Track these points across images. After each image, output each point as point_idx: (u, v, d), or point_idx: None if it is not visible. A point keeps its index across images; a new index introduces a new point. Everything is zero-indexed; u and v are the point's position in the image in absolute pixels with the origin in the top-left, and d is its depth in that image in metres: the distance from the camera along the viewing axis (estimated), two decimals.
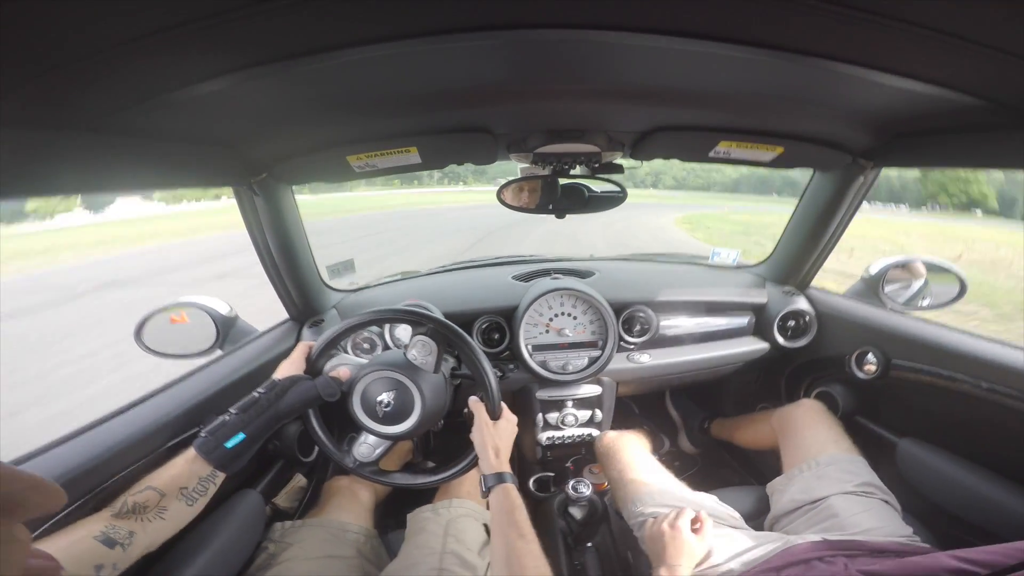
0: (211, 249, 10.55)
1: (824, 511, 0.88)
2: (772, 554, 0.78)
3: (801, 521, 0.90)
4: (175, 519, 0.62)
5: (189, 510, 0.64)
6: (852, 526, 0.82)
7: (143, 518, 0.59)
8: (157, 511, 0.60)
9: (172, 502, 0.62)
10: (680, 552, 0.80)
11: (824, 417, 1.11)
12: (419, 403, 0.82)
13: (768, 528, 0.96)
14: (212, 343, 1.20)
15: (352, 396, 0.84)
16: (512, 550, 0.66)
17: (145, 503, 0.60)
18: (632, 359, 1.33)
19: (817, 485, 0.92)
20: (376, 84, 0.66)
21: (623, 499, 1.04)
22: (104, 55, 0.45)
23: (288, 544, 0.86)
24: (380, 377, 0.83)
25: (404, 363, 0.84)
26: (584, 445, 1.41)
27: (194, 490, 0.64)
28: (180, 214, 26.08)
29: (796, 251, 1.35)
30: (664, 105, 0.81)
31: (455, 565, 0.82)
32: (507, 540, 0.68)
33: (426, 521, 0.94)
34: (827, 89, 0.69)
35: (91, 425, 0.74)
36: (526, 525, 0.70)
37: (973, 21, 0.45)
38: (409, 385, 0.82)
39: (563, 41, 0.54)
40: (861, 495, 0.88)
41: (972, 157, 0.81)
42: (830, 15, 0.45)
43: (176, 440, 0.80)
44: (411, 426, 0.83)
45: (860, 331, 1.20)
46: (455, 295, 1.38)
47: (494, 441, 0.82)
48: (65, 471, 0.63)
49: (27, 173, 0.53)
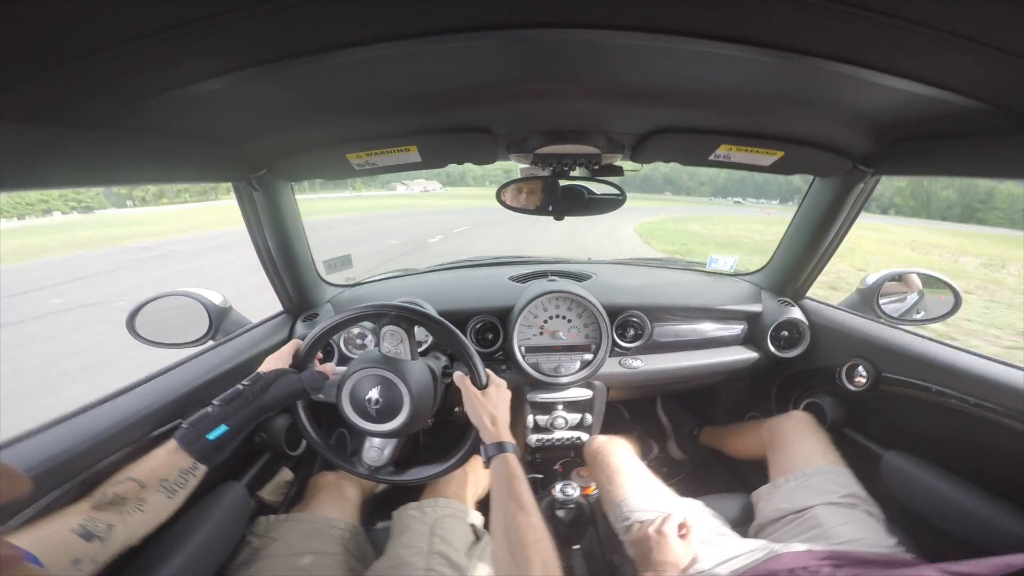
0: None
1: (809, 521, 0.88)
2: (757, 563, 0.78)
3: (786, 530, 0.90)
4: (155, 512, 0.61)
5: (169, 503, 0.63)
6: (836, 536, 0.82)
7: (122, 510, 0.58)
8: (136, 503, 0.59)
9: (152, 494, 0.61)
10: (664, 556, 0.81)
11: (813, 429, 1.11)
12: (406, 393, 0.82)
13: (753, 536, 0.96)
14: (204, 333, 1.19)
15: (342, 403, 0.84)
16: (511, 522, 0.65)
17: (124, 494, 0.59)
18: (624, 364, 1.33)
19: (802, 495, 0.93)
20: (377, 83, 0.66)
21: (610, 503, 1.04)
22: (107, 53, 0.45)
23: (272, 539, 0.86)
24: (363, 377, 0.83)
25: (379, 357, 0.84)
26: (573, 448, 1.40)
27: (175, 482, 0.63)
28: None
29: (793, 259, 1.35)
30: (664, 106, 0.81)
31: (442, 566, 0.82)
32: (506, 512, 0.67)
33: (411, 520, 0.93)
34: (827, 90, 0.69)
35: (75, 412, 0.73)
36: (526, 496, 0.69)
37: (976, 20, 0.45)
38: (391, 377, 0.82)
39: (563, 41, 0.54)
40: (846, 506, 0.88)
41: (974, 165, 0.80)
42: (832, 14, 0.44)
43: (161, 430, 0.80)
44: (405, 418, 0.82)
45: (852, 343, 1.20)
46: (451, 293, 1.38)
47: (487, 410, 0.81)
48: (47, 458, 0.62)
49: (30, 166, 0.53)
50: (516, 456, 0.76)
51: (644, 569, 0.82)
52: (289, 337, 1.24)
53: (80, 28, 0.41)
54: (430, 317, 0.85)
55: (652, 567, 0.81)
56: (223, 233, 13.59)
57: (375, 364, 0.82)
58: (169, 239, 13.41)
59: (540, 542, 0.62)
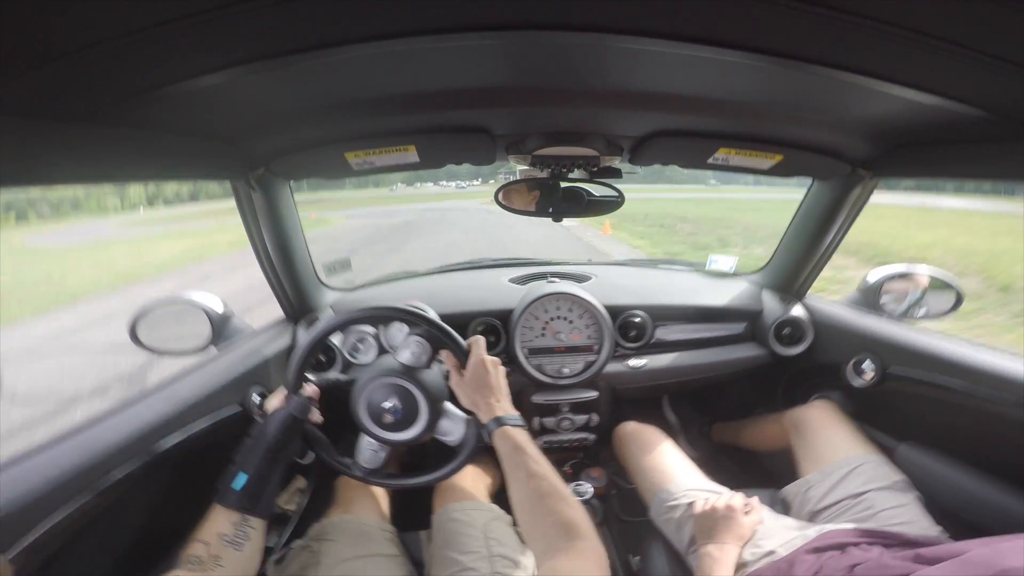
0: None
1: (863, 504, 0.89)
2: (810, 540, 0.79)
3: (841, 515, 0.91)
4: (233, 565, 0.63)
5: (240, 555, 0.64)
6: (889, 519, 0.84)
7: (204, 568, 0.61)
8: (212, 560, 0.62)
9: (221, 550, 0.63)
10: (730, 531, 0.83)
11: (840, 418, 1.12)
12: (423, 402, 0.81)
13: (807, 519, 0.97)
14: (206, 341, 1.19)
15: (359, 412, 0.83)
16: (524, 492, 0.63)
17: (199, 555, 0.62)
18: (628, 364, 1.33)
19: (856, 481, 0.94)
20: (376, 82, 0.66)
21: (654, 482, 1.05)
22: (104, 48, 0.45)
23: (331, 540, 0.86)
24: (380, 386, 0.82)
25: (397, 367, 0.83)
26: (582, 449, 1.40)
27: (235, 535, 0.65)
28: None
29: (793, 259, 1.35)
30: (663, 110, 0.81)
31: (508, 567, 0.81)
32: (518, 484, 0.65)
33: (461, 525, 0.92)
34: (827, 97, 0.69)
35: (85, 425, 0.74)
36: (533, 464, 0.66)
37: (976, 29, 0.45)
38: (408, 387, 0.81)
39: (563, 43, 0.54)
40: (899, 491, 0.90)
41: (972, 169, 0.81)
42: (832, 22, 0.44)
43: (178, 438, 0.81)
44: (423, 426, 0.82)
45: (856, 339, 1.20)
46: (452, 296, 1.38)
47: (475, 385, 0.79)
48: (57, 474, 0.63)
49: (26, 163, 0.53)
50: (517, 425, 0.74)
51: (706, 541, 0.84)
52: (292, 342, 1.24)
53: (79, 22, 0.41)
54: (399, 310, 0.83)
55: (716, 540, 0.83)
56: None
57: (395, 374, 0.82)
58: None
59: (568, 503, 0.61)
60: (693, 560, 0.88)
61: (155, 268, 9.56)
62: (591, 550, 0.55)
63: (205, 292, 1.23)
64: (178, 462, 0.82)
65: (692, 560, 0.89)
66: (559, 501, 0.61)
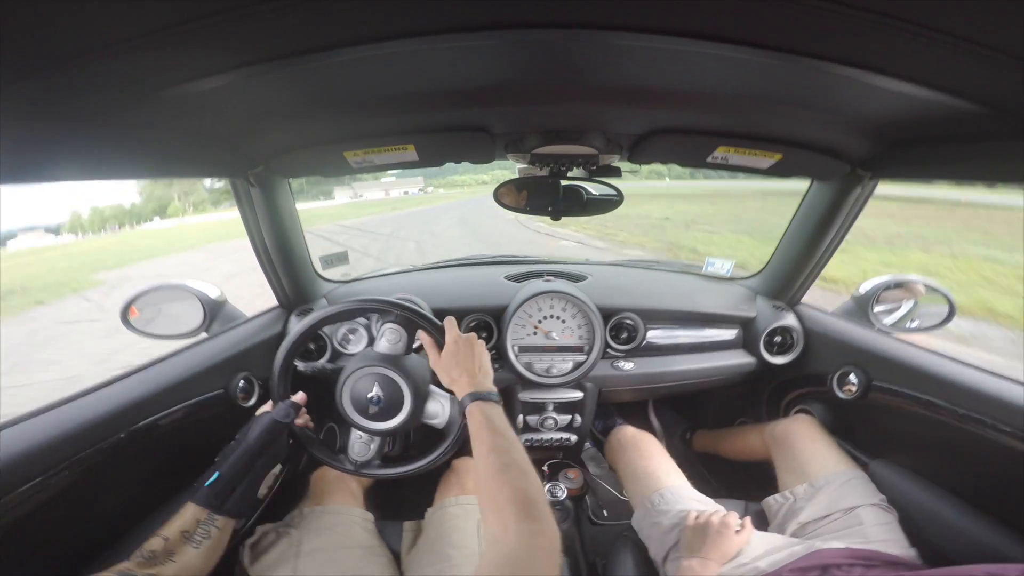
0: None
1: (852, 520, 0.90)
2: (797, 558, 0.80)
3: (828, 529, 0.91)
4: (185, 562, 0.64)
5: (195, 553, 0.65)
6: (872, 536, 0.85)
7: (157, 564, 0.61)
8: (165, 555, 0.62)
9: (178, 546, 0.64)
10: (718, 548, 0.84)
11: (822, 434, 1.13)
12: (407, 390, 0.82)
13: (792, 533, 0.97)
14: (199, 325, 1.19)
15: (342, 403, 0.84)
16: (488, 467, 0.60)
17: (156, 550, 0.63)
18: (616, 366, 1.33)
19: (848, 496, 0.94)
20: (375, 82, 0.66)
21: (649, 485, 1.06)
22: (107, 51, 0.45)
23: (310, 530, 0.87)
24: (363, 376, 0.83)
25: (376, 356, 0.84)
26: (562, 449, 1.40)
27: (197, 533, 0.66)
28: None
29: (790, 263, 1.34)
30: (662, 107, 0.80)
31: None
32: (480, 460, 0.62)
33: (455, 519, 0.92)
34: (826, 92, 0.68)
35: (60, 402, 0.75)
36: (500, 436, 0.64)
37: (976, 21, 0.44)
38: (392, 375, 0.82)
39: (562, 41, 0.54)
40: (884, 508, 0.91)
41: (972, 169, 0.80)
42: (831, 15, 0.44)
43: (156, 417, 0.81)
44: (407, 415, 0.83)
45: (845, 351, 1.20)
46: (446, 291, 1.38)
47: (452, 363, 0.77)
48: (34, 445, 0.64)
49: (29, 160, 0.55)
50: (491, 400, 0.71)
51: (691, 554, 0.84)
52: (283, 331, 1.24)
53: (82, 25, 0.41)
54: (376, 301, 0.83)
55: (701, 555, 0.83)
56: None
57: (375, 362, 0.82)
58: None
59: (514, 467, 0.58)
60: (670, 569, 0.88)
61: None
62: (542, 533, 0.51)
63: (201, 280, 1.25)
64: (154, 442, 0.83)
65: (669, 568, 0.89)
66: (520, 476, 0.57)
